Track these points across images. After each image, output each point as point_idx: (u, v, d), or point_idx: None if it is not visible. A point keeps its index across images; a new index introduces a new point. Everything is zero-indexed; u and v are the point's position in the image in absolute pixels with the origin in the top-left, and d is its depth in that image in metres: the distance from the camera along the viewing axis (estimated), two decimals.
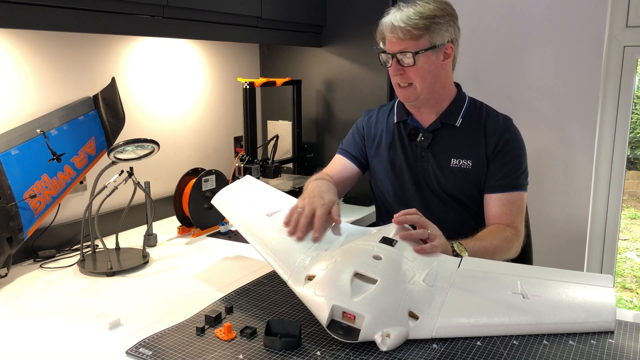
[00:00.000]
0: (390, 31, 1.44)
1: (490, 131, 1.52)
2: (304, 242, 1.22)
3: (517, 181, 1.50)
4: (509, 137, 1.51)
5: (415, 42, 1.43)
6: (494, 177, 1.50)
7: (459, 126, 1.53)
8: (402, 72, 1.46)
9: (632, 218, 4.55)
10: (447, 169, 1.52)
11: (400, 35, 1.42)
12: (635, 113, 3.77)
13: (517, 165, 1.51)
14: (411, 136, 1.55)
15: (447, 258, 1.21)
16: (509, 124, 1.54)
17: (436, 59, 1.46)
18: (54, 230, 1.61)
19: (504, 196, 1.49)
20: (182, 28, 1.61)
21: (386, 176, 1.61)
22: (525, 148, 1.55)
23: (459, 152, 1.52)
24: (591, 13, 2.08)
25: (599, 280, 1.15)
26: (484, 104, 1.59)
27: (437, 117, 1.54)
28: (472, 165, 1.51)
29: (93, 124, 1.67)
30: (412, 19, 1.42)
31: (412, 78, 1.46)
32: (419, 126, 1.56)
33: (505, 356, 0.97)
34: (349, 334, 0.98)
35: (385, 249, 1.13)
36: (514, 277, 1.16)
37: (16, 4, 1.21)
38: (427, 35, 1.43)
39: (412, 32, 1.41)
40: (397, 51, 1.44)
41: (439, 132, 1.54)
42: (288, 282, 1.12)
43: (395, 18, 1.43)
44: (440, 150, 1.53)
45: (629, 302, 3.66)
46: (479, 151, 1.51)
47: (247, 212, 1.34)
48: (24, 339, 1.07)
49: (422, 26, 1.42)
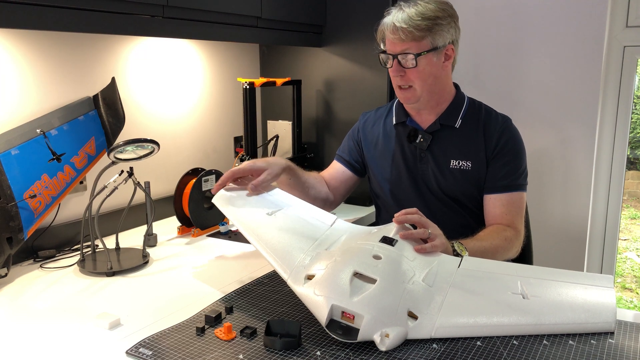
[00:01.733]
0: (392, 32, 1.43)
1: (489, 132, 1.51)
2: (304, 242, 1.22)
3: (517, 181, 1.50)
4: (508, 137, 1.51)
5: (417, 43, 1.42)
6: (493, 178, 1.50)
7: (458, 127, 1.53)
8: (402, 74, 1.45)
9: (632, 218, 4.55)
10: (446, 170, 1.52)
11: (402, 37, 1.41)
12: (635, 113, 3.77)
13: (517, 166, 1.51)
14: (410, 137, 1.55)
15: (447, 258, 1.21)
16: (508, 124, 1.54)
17: (437, 60, 1.46)
18: (54, 230, 1.61)
19: (503, 197, 1.49)
20: (182, 28, 1.61)
21: (385, 178, 1.61)
22: (524, 148, 1.55)
23: (458, 153, 1.52)
24: (591, 13, 2.08)
25: (599, 280, 1.15)
26: (483, 104, 1.59)
27: (437, 118, 1.54)
28: (471, 166, 1.50)
29: (93, 124, 1.67)
30: (414, 19, 1.40)
31: (413, 80, 1.45)
32: (418, 127, 1.56)
33: (505, 356, 0.97)
34: (348, 333, 0.98)
35: (385, 249, 1.13)
36: (514, 277, 1.16)
37: (16, 4, 1.21)
38: (429, 37, 1.42)
39: (414, 34, 1.40)
40: (399, 52, 1.43)
41: (439, 134, 1.53)
42: (288, 282, 1.12)
43: (397, 18, 1.42)
44: (439, 151, 1.53)
45: (629, 302, 3.66)
46: (479, 152, 1.51)
47: (247, 211, 1.34)
48: (24, 339, 1.07)
49: (424, 27, 1.41)
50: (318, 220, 1.34)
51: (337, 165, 1.70)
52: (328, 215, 1.38)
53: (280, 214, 1.32)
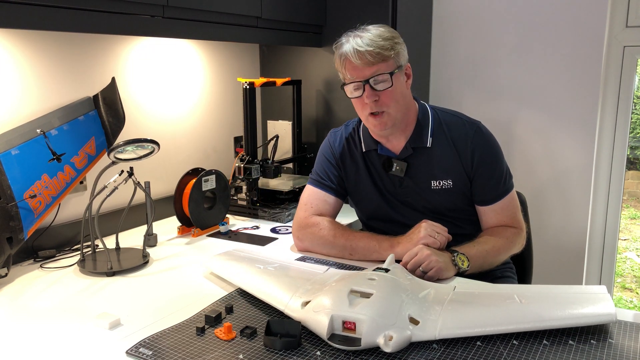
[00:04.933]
0: (358, 57, 1.36)
1: (460, 144, 1.46)
2: (299, 282, 1.20)
3: (505, 187, 1.48)
4: (482, 149, 1.46)
5: (386, 63, 1.38)
6: (481, 192, 1.48)
7: (430, 146, 1.48)
8: (376, 98, 1.39)
9: (632, 218, 4.54)
10: (428, 190, 1.48)
11: (370, 59, 1.36)
12: (635, 113, 3.76)
13: (500, 174, 1.48)
14: (386, 167, 1.50)
15: (442, 285, 1.23)
16: (478, 132, 1.47)
17: (402, 79, 1.43)
18: (54, 230, 1.61)
19: (497, 205, 1.48)
20: (182, 28, 1.61)
21: (368, 206, 1.58)
22: (500, 150, 1.50)
23: (437, 172, 1.48)
24: (591, 13, 2.08)
25: (593, 287, 1.16)
26: (441, 113, 1.52)
27: (407, 141, 1.48)
28: (452, 184, 1.47)
29: (93, 124, 1.67)
30: (375, 41, 1.36)
31: (388, 103, 1.40)
32: (390, 155, 1.50)
33: (505, 356, 0.97)
34: (351, 342, 0.97)
35: (379, 274, 1.14)
36: (510, 293, 1.15)
37: (16, 4, 1.21)
38: (394, 56, 1.39)
39: (382, 54, 1.36)
40: (370, 76, 1.38)
41: (413, 158, 1.49)
42: (285, 311, 1.11)
43: (358, 44, 1.37)
44: (418, 175, 1.49)
45: (629, 302, 3.66)
46: (456, 167, 1.47)
47: (240, 266, 1.33)
48: (24, 339, 1.07)
49: (388, 47, 1.37)
50: (311, 268, 1.34)
51: (322, 195, 1.57)
52: (320, 266, 1.36)
53: (272, 267, 1.32)
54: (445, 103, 2.38)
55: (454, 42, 2.37)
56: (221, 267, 1.35)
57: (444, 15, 2.37)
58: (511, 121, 2.29)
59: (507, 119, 2.29)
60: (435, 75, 2.43)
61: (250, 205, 1.97)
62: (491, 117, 2.28)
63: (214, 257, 1.40)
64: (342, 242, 1.48)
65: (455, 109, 1.59)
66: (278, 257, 1.43)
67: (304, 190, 1.61)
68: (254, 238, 1.73)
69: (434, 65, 2.43)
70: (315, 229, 1.51)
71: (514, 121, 2.20)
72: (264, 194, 2.04)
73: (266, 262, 1.36)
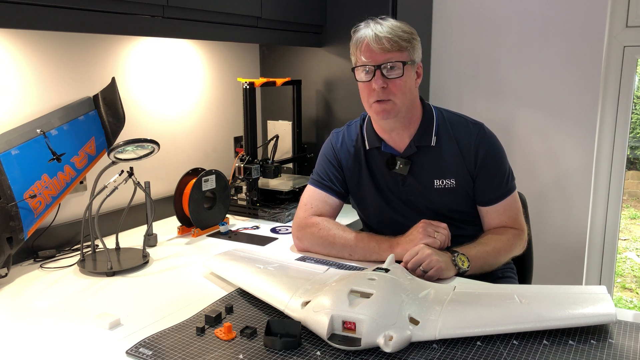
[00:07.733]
0: (375, 42, 1.38)
1: (464, 144, 1.47)
2: (299, 282, 1.20)
3: (507, 187, 1.49)
4: (486, 149, 1.47)
5: (400, 54, 1.39)
6: (484, 193, 1.48)
7: (434, 145, 1.48)
8: (385, 86, 1.39)
9: (632, 218, 4.55)
10: (431, 190, 1.49)
11: (387, 46, 1.37)
12: (635, 113, 3.76)
13: (502, 173, 1.48)
14: (389, 165, 1.50)
15: (442, 285, 1.23)
16: (481, 133, 1.48)
17: (413, 75, 1.44)
18: (54, 230, 1.61)
19: (499, 206, 1.48)
20: (182, 28, 1.61)
21: (371, 204, 1.57)
22: (503, 150, 1.51)
23: (440, 172, 1.48)
24: (591, 13, 2.08)
25: (593, 288, 1.15)
26: (446, 113, 1.53)
27: (410, 140, 1.49)
28: (455, 183, 1.47)
29: (93, 124, 1.67)
30: (395, 31, 1.38)
31: (395, 92, 1.40)
32: (394, 153, 1.51)
33: (505, 356, 0.97)
34: (350, 341, 0.97)
35: (379, 274, 1.14)
36: (510, 293, 1.16)
37: (16, 4, 1.21)
38: (410, 49, 1.40)
39: (399, 43, 1.38)
40: (383, 62, 1.38)
41: (416, 156, 1.49)
42: (285, 311, 1.11)
43: (378, 29, 1.38)
44: (421, 173, 1.49)
45: (629, 302, 3.66)
46: (459, 167, 1.47)
47: (240, 266, 1.33)
48: (24, 339, 1.07)
49: (406, 38, 1.39)
50: (311, 268, 1.34)
51: (323, 196, 1.56)
52: (320, 266, 1.36)
53: (271, 267, 1.32)
54: (445, 103, 2.38)
55: (454, 42, 2.37)
56: (221, 267, 1.35)
57: (444, 15, 2.37)
58: (511, 121, 2.29)
59: (507, 118, 2.29)
60: (435, 75, 2.43)
61: (250, 205, 1.97)
62: (491, 117, 2.28)
63: (213, 257, 1.41)
64: (342, 242, 1.48)
65: (455, 109, 1.59)
66: (278, 257, 1.43)
67: (305, 190, 1.61)
68: (254, 238, 1.73)
69: (434, 65, 2.43)
70: (315, 229, 1.51)
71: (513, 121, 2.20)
72: (264, 194, 2.04)
73: (266, 262, 1.36)
